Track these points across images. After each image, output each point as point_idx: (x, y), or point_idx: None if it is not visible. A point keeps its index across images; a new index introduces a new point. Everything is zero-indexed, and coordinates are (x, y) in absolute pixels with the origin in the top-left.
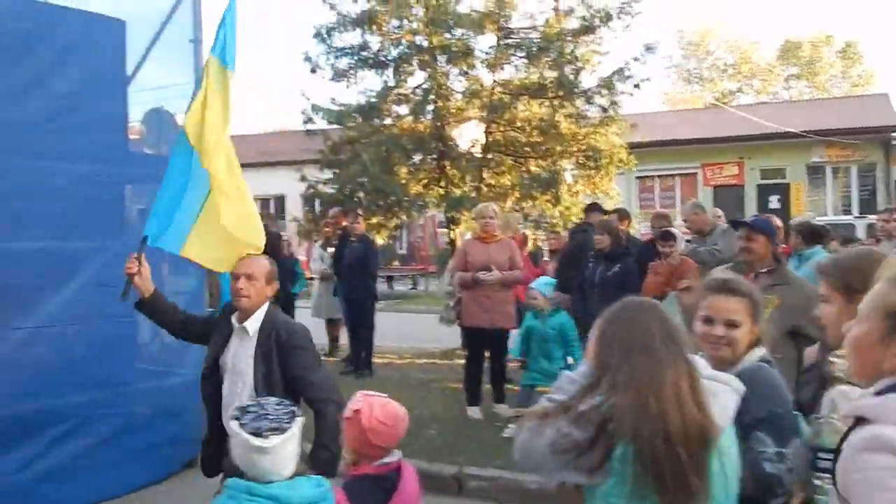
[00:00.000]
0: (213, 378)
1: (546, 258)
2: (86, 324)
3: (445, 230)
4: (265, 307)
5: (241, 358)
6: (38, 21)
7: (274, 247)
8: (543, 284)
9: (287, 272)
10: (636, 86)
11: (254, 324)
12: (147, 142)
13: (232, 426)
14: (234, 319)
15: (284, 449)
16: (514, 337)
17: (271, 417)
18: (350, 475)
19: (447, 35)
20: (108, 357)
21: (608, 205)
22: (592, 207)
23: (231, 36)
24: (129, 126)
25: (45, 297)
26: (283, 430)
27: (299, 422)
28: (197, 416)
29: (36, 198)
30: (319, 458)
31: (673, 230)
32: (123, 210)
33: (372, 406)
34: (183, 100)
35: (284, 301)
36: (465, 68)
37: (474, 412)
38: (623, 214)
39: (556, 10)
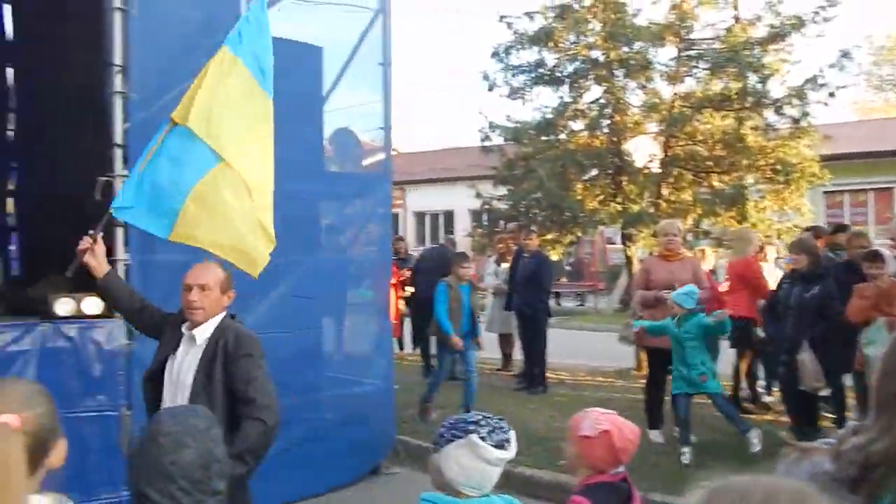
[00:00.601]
0: (155, 381)
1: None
2: (285, 332)
3: (615, 246)
4: (220, 317)
5: (185, 368)
6: None
7: (447, 262)
8: (684, 294)
9: None
10: (831, 94)
11: (204, 333)
12: (333, 160)
13: (472, 439)
14: (184, 327)
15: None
16: None
17: (504, 429)
18: (586, 483)
19: (625, 49)
20: (303, 364)
21: (799, 222)
22: (814, 230)
23: (253, 33)
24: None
25: (252, 306)
26: (511, 443)
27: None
28: (384, 423)
29: None
30: (237, 470)
31: (882, 250)
32: (318, 226)
33: (620, 427)
34: (367, 119)
35: None
36: (643, 81)
37: (656, 436)
38: (820, 232)
39: (736, 18)
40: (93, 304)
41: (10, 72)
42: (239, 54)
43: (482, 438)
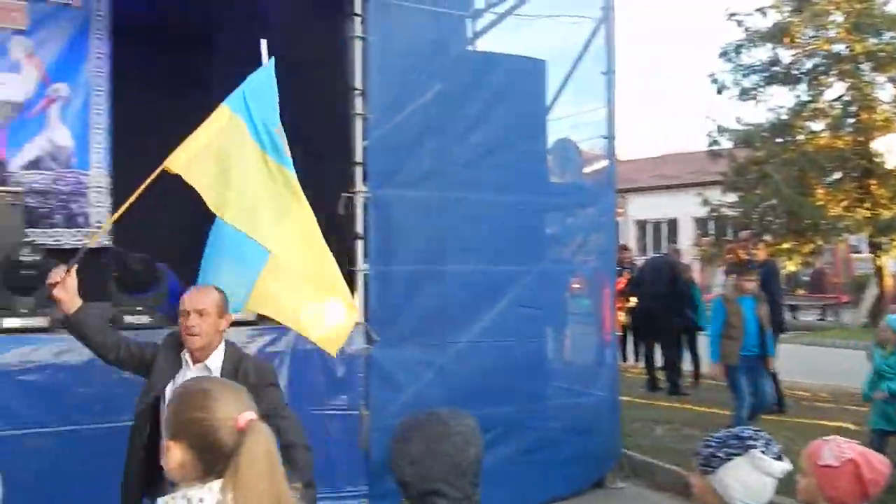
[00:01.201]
0: (151, 416)
1: None
2: (510, 341)
3: (861, 255)
4: (223, 343)
5: None
6: (476, 68)
7: (673, 272)
8: None
9: (686, 299)
10: None
11: (215, 362)
12: (553, 170)
13: (754, 454)
14: (186, 357)
15: None
16: None
17: (773, 440)
18: None
19: (873, 40)
20: (528, 373)
21: None
22: None
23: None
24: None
25: (479, 314)
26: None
27: None
28: (609, 435)
29: (476, 226)
30: (312, 496)
31: None
32: (543, 237)
33: (867, 457)
34: (590, 128)
35: (686, 329)
36: (894, 74)
37: None
38: None
39: None
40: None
41: None
42: (244, 118)
43: (762, 452)
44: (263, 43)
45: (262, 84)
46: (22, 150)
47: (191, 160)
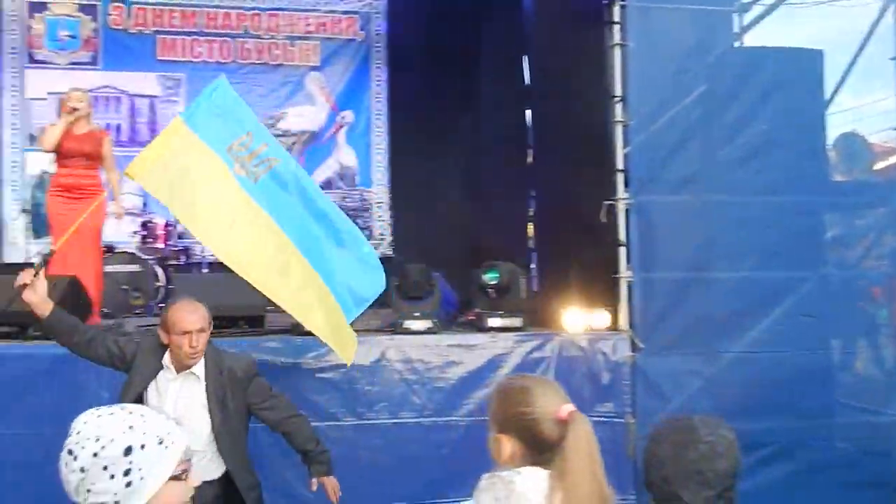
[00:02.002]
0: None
1: None
2: (787, 352)
3: None
4: None
5: (188, 405)
6: (743, 64)
7: None
8: None
9: None
10: None
11: (199, 367)
12: (837, 167)
13: None
14: (167, 364)
15: None
16: None
17: None
18: None
19: None
20: (808, 387)
21: None
22: None
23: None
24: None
25: (749, 323)
26: None
27: None
28: None
29: (745, 230)
30: (324, 459)
31: None
32: (823, 240)
33: None
34: (877, 119)
35: None
36: None
37: None
38: None
39: None
40: (600, 319)
41: (528, 113)
42: (200, 134)
43: None
44: (525, 60)
45: (222, 99)
46: (316, 173)
47: (148, 170)
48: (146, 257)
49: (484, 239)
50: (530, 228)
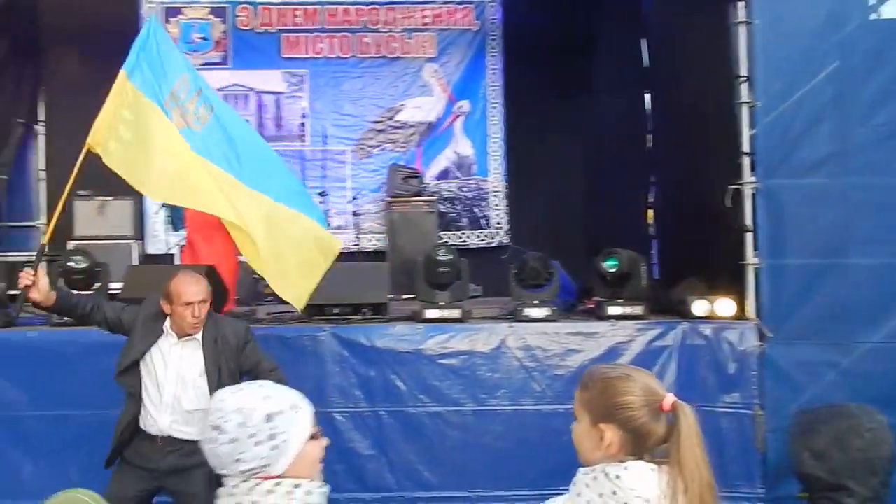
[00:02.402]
0: (135, 374)
1: None
2: None
3: None
4: None
5: (190, 368)
6: (880, 38)
7: None
8: None
9: None
10: None
11: (198, 333)
12: None
13: None
14: (168, 329)
15: None
16: None
17: None
18: None
19: None
20: None
21: None
22: None
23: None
24: None
25: (888, 312)
26: None
27: None
28: None
29: (884, 214)
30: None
31: None
32: None
33: None
34: None
35: None
36: None
37: None
38: None
39: None
40: (726, 306)
41: (646, 97)
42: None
43: None
44: (643, 42)
45: (156, 44)
46: (433, 163)
47: (107, 138)
48: None
49: (601, 226)
50: (650, 215)
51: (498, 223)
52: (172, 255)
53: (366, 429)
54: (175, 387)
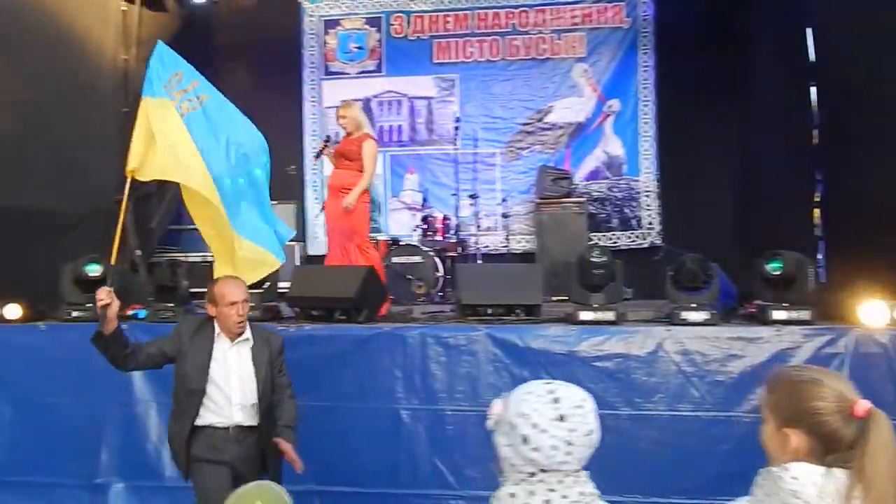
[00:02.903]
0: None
1: None
2: None
3: None
4: None
5: (245, 367)
6: None
7: None
8: None
9: None
10: None
11: (246, 334)
12: None
13: None
14: (219, 334)
15: None
16: None
17: None
18: None
19: None
20: None
21: None
22: None
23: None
24: None
25: None
26: None
27: None
28: None
29: None
30: (293, 432)
31: None
32: None
33: None
34: None
35: None
36: None
37: None
38: None
39: None
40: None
41: (812, 91)
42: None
43: None
44: (809, 32)
45: (163, 61)
46: (583, 164)
47: (143, 161)
48: (427, 249)
49: (759, 227)
50: (815, 214)
51: (650, 224)
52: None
53: None
54: (239, 384)
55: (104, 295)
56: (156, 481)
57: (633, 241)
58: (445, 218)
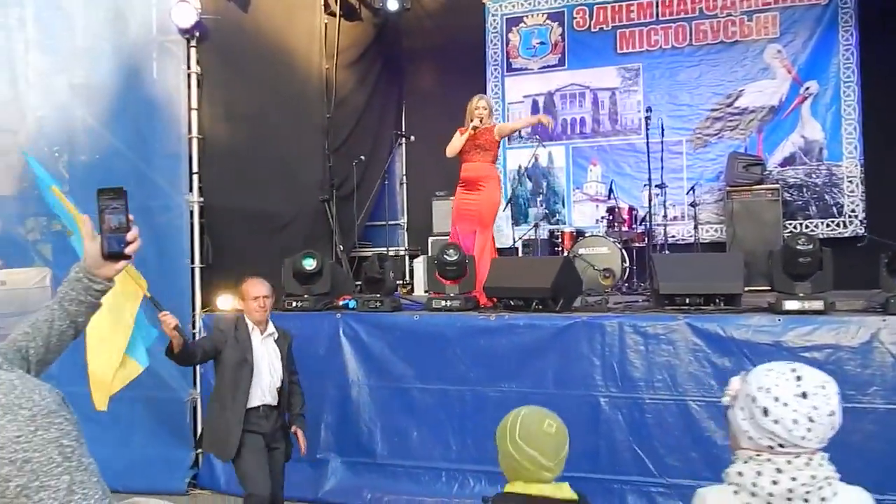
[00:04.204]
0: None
1: None
2: None
3: None
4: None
5: (273, 356)
6: None
7: None
8: None
9: None
10: None
11: (271, 328)
12: None
13: None
14: (252, 328)
15: None
16: None
17: None
18: None
19: None
20: None
21: None
22: None
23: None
24: None
25: None
26: None
27: None
28: None
29: None
30: (304, 419)
31: None
32: None
33: None
34: None
35: None
36: None
37: None
38: None
39: None
40: None
41: None
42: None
43: None
44: None
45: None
46: (777, 150)
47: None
48: (613, 240)
49: None
50: None
51: (852, 211)
52: (517, 249)
53: (720, 418)
54: (269, 369)
55: (170, 319)
56: (368, 458)
57: (833, 230)
58: (631, 209)
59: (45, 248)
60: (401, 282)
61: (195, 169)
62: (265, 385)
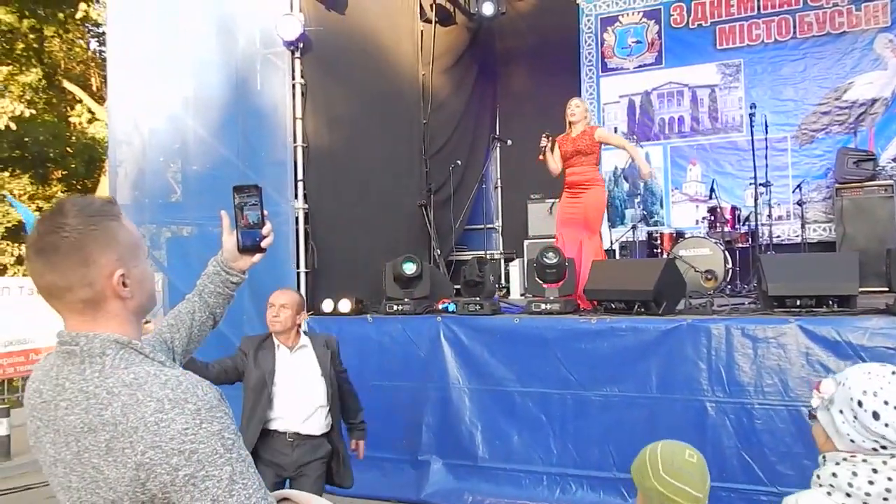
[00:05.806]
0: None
1: None
2: None
3: None
4: (302, 332)
5: (306, 372)
6: None
7: None
8: None
9: None
10: None
11: (305, 342)
12: None
13: None
14: (278, 345)
15: None
16: None
17: None
18: None
19: None
20: None
21: None
22: None
23: None
24: None
25: None
26: None
27: None
28: None
29: None
30: (363, 428)
31: None
32: None
33: None
34: None
35: None
36: None
37: None
38: None
39: None
40: None
41: None
42: None
43: None
44: None
45: None
46: (890, 144)
47: None
48: (715, 241)
49: None
50: None
51: None
52: (614, 251)
53: None
54: (299, 389)
55: (150, 327)
56: (470, 461)
57: None
58: (734, 208)
59: (160, 254)
60: (497, 285)
61: (300, 176)
62: (293, 409)
